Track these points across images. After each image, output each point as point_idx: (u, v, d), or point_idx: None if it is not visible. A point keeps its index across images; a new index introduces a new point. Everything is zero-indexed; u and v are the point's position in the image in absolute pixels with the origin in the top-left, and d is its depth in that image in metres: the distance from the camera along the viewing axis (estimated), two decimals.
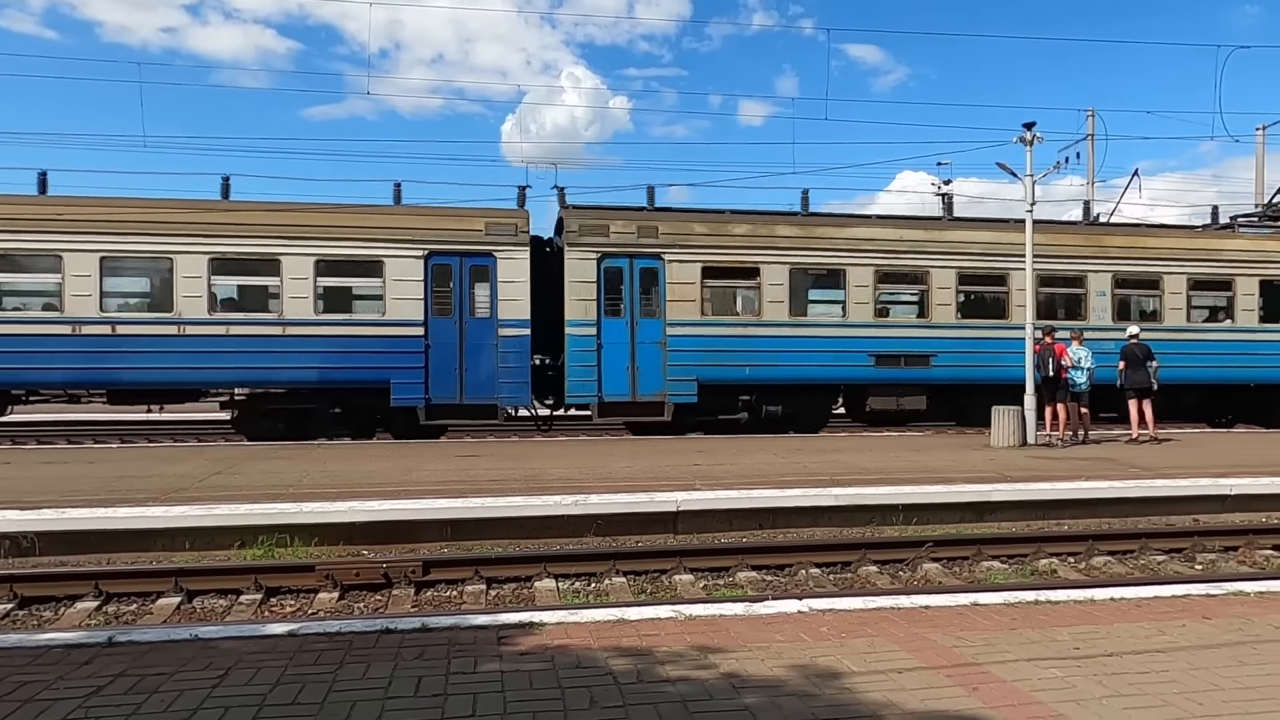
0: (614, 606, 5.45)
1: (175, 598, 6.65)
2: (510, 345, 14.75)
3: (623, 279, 15.31)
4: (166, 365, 13.96)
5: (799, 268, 15.94)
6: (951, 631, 4.61)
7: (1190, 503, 9.85)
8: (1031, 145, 14.38)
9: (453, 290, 14.71)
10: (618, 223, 15.45)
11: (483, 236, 14.81)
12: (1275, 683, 3.81)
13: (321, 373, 14.40)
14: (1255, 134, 30.79)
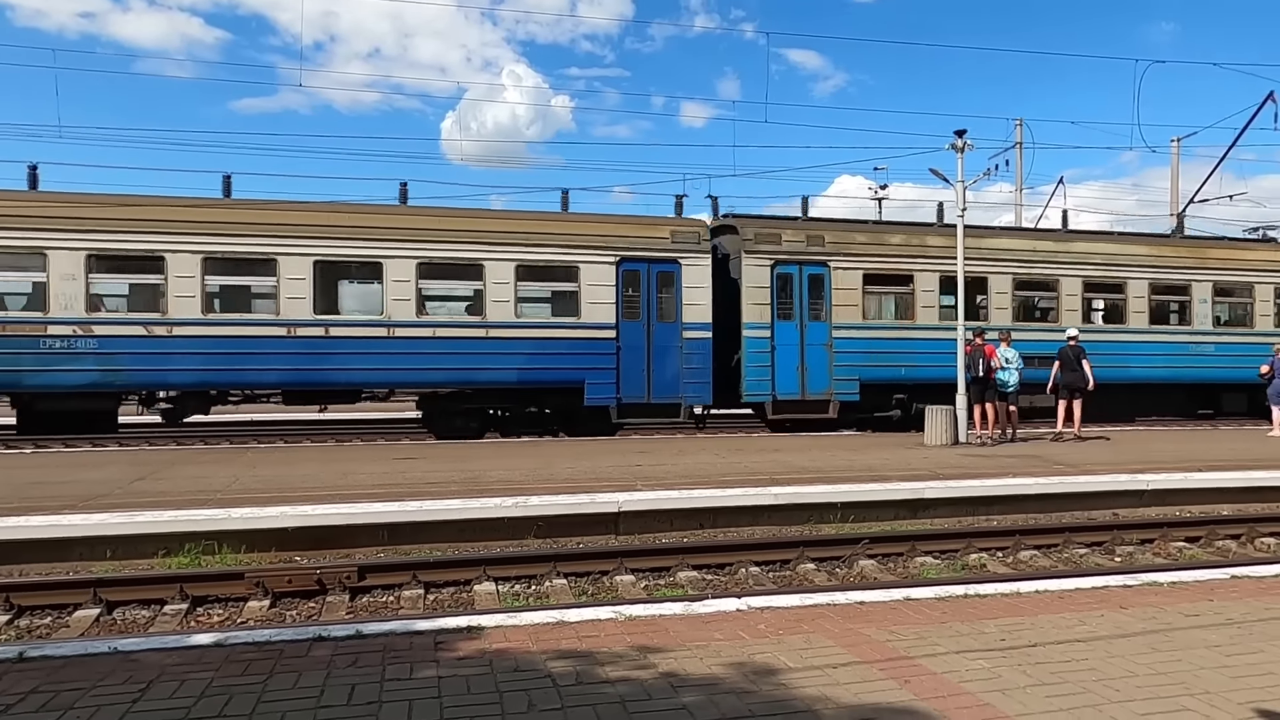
0: (554, 609, 5.42)
1: (94, 609, 6.37)
2: (694, 347, 15.66)
3: (792, 284, 16.32)
4: (377, 366, 14.64)
5: (948, 275, 16.39)
6: (885, 626, 4.71)
7: (1110, 498, 10.26)
8: (963, 152, 14.81)
9: (641, 295, 15.58)
10: (788, 232, 16.58)
11: (669, 244, 15.74)
12: (1184, 668, 4.00)
13: (521, 373, 15.07)
14: (1170, 145, 32.30)
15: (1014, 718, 3.43)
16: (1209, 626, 4.68)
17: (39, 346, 13.35)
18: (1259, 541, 9.06)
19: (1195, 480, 10.60)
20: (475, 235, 14.94)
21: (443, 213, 15.55)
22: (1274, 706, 3.54)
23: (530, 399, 15.67)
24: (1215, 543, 8.96)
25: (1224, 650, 4.26)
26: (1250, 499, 10.55)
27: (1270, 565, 6.41)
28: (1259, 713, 3.48)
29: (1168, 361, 18.49)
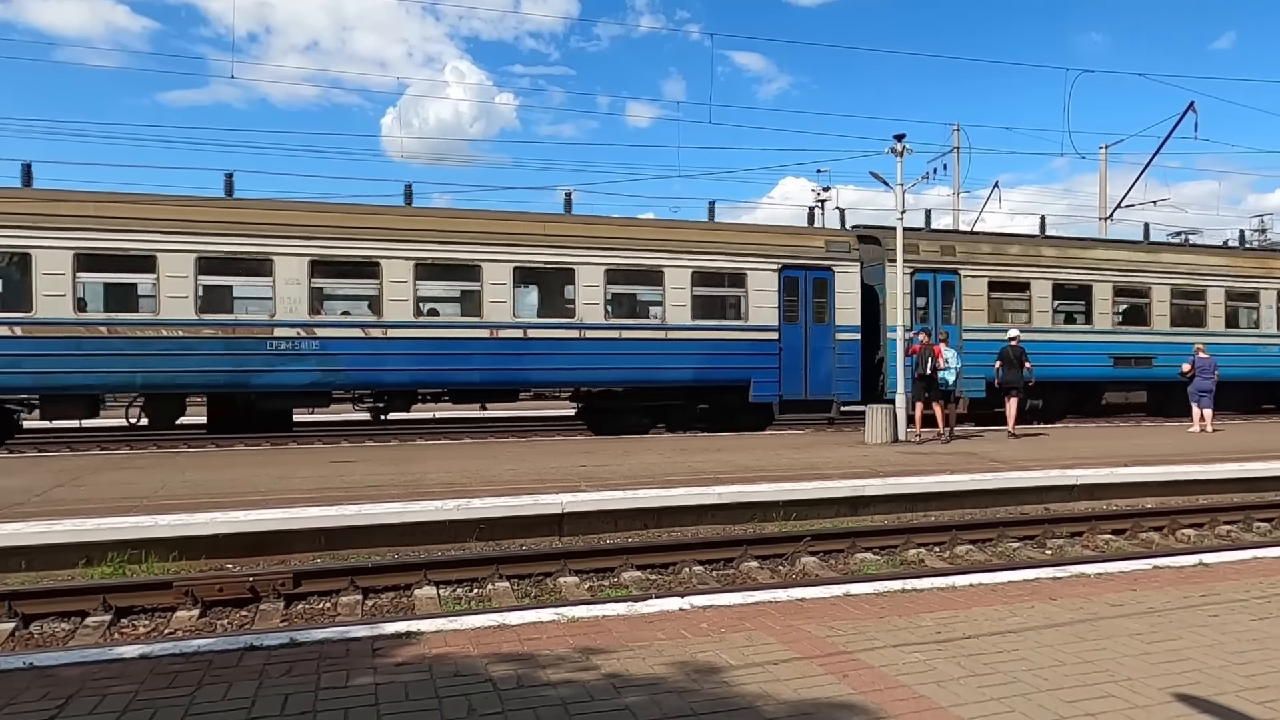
0: (495, 612, 5.36)
1: (8, 623, 6.08)
2: (845, 348, 17.07)
3: (928, 290, 17.83)
4: (569, 366, 15.68)
5: (1058, 283, 18.88)
6: (825, 622, 4.77)
7: (1042, 493, 10.58)
8: (902, 156, 15.14)
9: (799, 300, 16.87)
10: (925, 243, 18.03)
11: (824, 253, 17.12)
12: (1108, 656, 4.14)
13: (696, 373, 16.32)
14: (1099, 152, 33.51)
15: (948, 709, 3.50)
16: (1132, 615, 4.86)
17: (266, 348, 14.09)
18: (1180, 533, 9.44)
19: (1121, 475, 11.01)
20: (656, 244, 16.18)
21: (627, 222, 17.14)
22: (1190, 690, 3.69)
23: (699, 397, 16.91)
24: (1140, 535, 9.31)
25: (1145, 638, 4.42)
26: (1172, 492, 11.01)
27: (1189, 555, 6.68)
28: (1177, 697, 3.62)
29: (1242, 361, 20.24)
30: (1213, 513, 9.99)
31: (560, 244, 15.56)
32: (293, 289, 14.11)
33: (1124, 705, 3.54)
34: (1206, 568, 6.18)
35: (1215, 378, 16.64)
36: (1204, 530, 9.57)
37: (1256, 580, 5.73)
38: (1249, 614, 4.90)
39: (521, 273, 15.53)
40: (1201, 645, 4.31)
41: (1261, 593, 5.39)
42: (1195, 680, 3.82)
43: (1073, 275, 19.25)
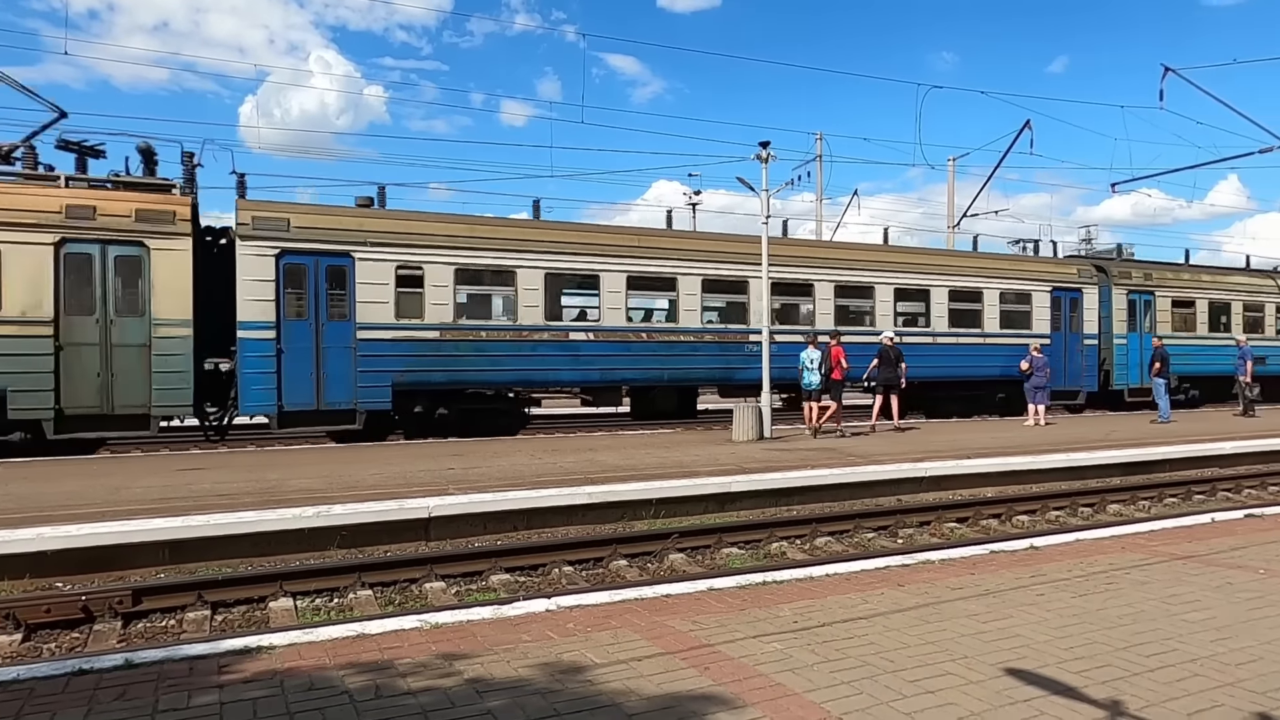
0: (354, 621, 5.17)
1: None
2: (1088, 351, 22.34)
3: (1136, 307, 23.52)
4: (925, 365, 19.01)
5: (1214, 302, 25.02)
6: (689, 617, 4.87)
7: (896, 485, 11.20)
8: (767, 163, 15.65)
9: (1062, 314, 21.98)
10: (1135, 270, 23.81)
11: (1076, 278, 22.39)
12: (948, 636, 4.43)
13: (1003, 369, 20.31)
14: (948, 164, 35.79)
15: (802, 694, 3.65)
16: (970, 598, 5.22)
17: (742, 350, 17.54)
18: (1015, 519, 10.22)
19: (965, 467, 11.80)
20: (977, 271, 21.00)
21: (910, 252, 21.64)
22: (1018, 664, 4.00)
23: (997, 387, 21.15)
24: (980, 522, 10.00)
25: (981, 618, 4.76)
26: (1009, 481, 11.89)
27: (1022, 540, 7.23)
28: (1006, 671, 3.92)
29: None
30: (1044, 500, 10.87)
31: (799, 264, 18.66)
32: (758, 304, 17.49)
33: (960, 681, 3.80)
34: (1036, 551, 6.71)
35: (1047, 374, 18.14)
36: (1036, 516, 10.40)
37: (1078, 561, 6.27)
38: (1070, 592, 5.36)
39: (840, 290, 19.10)
40: (1029, 623, 4.68)
41: (1082, 572, 5.91)
42: (1023, 655, 4.14)
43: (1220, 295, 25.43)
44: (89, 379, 12.85)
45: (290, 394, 13.91)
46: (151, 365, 13.11)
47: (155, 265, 13.13)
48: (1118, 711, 3.47)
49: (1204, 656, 4.12)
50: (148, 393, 13.08)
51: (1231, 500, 11.63)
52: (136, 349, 13.08)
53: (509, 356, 15.46)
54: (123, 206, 13.15)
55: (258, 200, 14.53)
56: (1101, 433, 16.21)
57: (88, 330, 12.86)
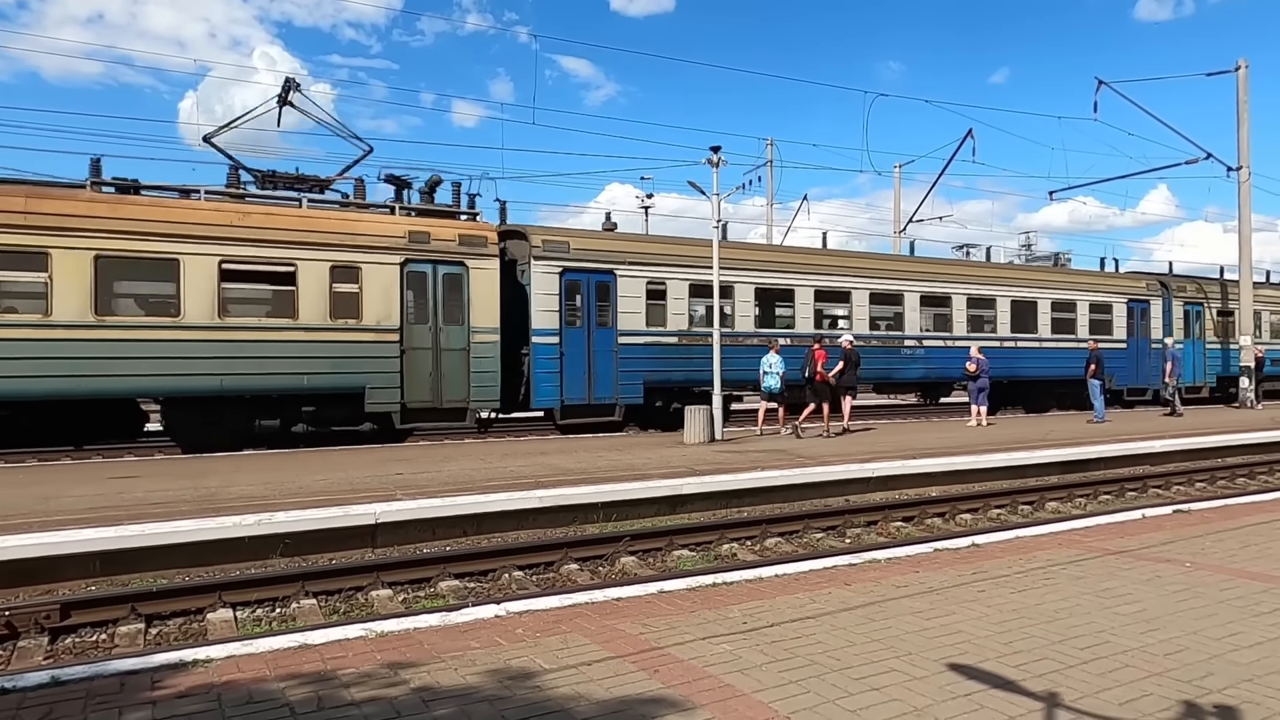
0: (297, 631, 5.04)
1: None
2: (1154, 354, 24.77)
3: (1188, 317, 26.89)
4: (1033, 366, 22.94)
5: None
6: (640, 620, 4.87)
7: (843, 485, 11.35)
8: (718, 167, 15.75)
9: (1134, 321, 25.21)
10: (1189, 285, 27.46)
11: (1144, 290, 25.71)
12: (893, 633, 4.50)
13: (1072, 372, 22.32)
14: (894, 170, 36.49)
15: (750, 694, 3.67)
16: (915, 595, 5.31)
17: (899, 354, 20.68)
18: (959, 518, 10.45)
19: (911, 467, 12.03)
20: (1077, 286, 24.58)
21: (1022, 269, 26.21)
22: (960, 660, 4.08)
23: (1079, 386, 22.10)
24: (925, 521, 10.20)
25: (925, 615, 4.84)
26: (953, 481, 12.15)
27: (964, 538, 7.39)
28: (949, 666, 3.99)
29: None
30: (986, 498, 11.14)
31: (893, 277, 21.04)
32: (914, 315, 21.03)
33: (904, 678, 3.86)
34: (978, 548, 6.86)
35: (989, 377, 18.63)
36: (978, 514, 10.65)
37: (1018, 557, 6.44)
38: (1010, 588, 5.49)
39: (926, 299, 21.34)
40: (971, 619, 4.79)
41: (1021, 568, 6.06)
42: (964, 650, 4.23)
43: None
44: (424, 378, 15.02)
45: (569, 390, 16.31)
46: (470, 366, 15.34)
47: (473, 281, 15.40)
48: (1054, 703, 3.56)
49: (1134, 648, 4.26)
50: (467, 389, 15.31)
51: (1161, 496, 12.05)
52: (459, 352, 15.35)
53: (730, 359, 17.03)
54: (449, 232, 15.41)
55: (544, 226, 17.62)
56: (1041, 433, 16.67)
57: (424, 336, 15.09)
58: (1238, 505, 9.00)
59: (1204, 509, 8.69)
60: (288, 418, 14.37)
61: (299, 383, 14.06)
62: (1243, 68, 24.86)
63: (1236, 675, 3.87)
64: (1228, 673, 3.90)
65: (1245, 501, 9.37)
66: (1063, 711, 3.48)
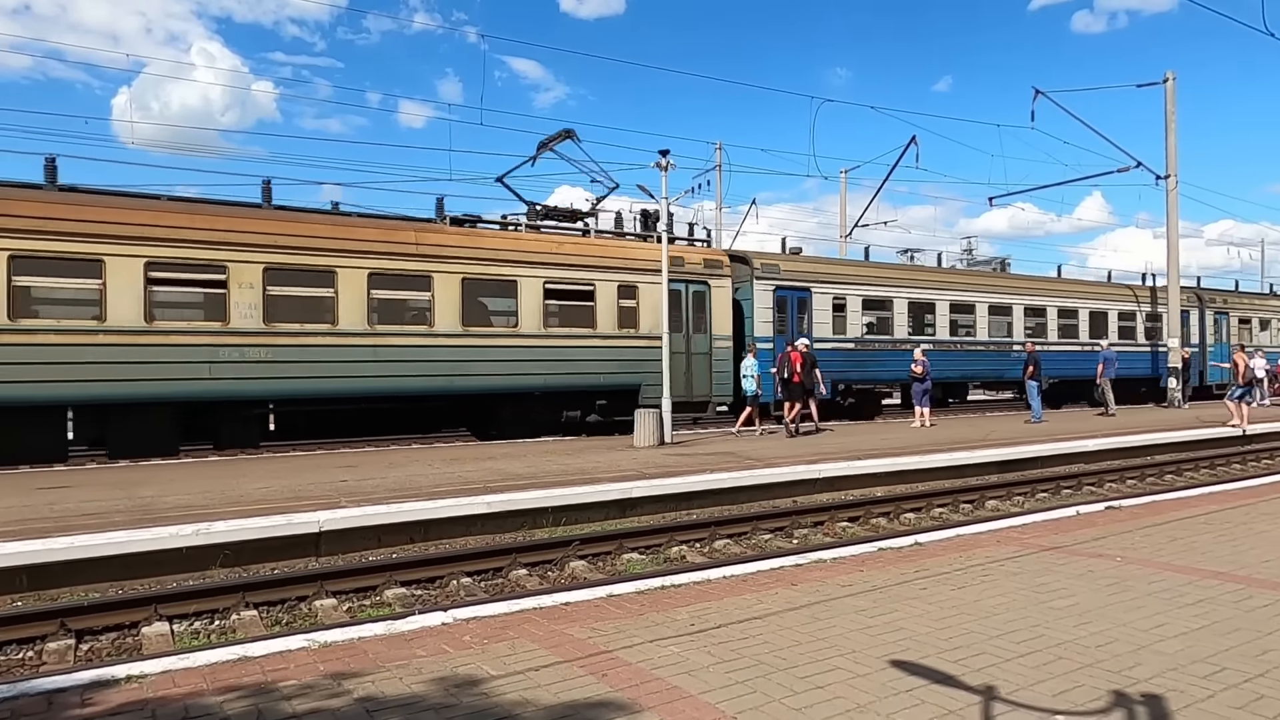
0: (236, 644, 4.91)
1: None
2: (1194, 357, 28.37)
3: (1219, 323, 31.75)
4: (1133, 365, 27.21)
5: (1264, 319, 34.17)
6: (588, 624, 4.86)
7: (791, 486, 11.50)
8: (667, 171, 15.83)
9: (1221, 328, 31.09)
10: (1218, 297, 32.17)
11: (1185, 303, 28.12)
12: (837, 632, 4.58)
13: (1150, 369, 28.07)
14: (840, 175, 37.09)
15: (697, 696, 3.70)
16: (859, 594, 5.41)
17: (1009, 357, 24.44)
18: (903, 517, 10.66)
19: (857, 467, 12.24)
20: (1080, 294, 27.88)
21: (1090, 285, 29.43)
22: (902, 656, 4.17)
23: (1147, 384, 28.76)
24: (870, 520, 10.39)
25: (869, 614, 4.94)
26: (897, 481, 12.40)
27: (907, 537, 7.54)
28: (891, 663, 4.08)
29: None
30: (928, 498, 11.39)
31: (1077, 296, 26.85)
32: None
33: (848, 675, 3.93)
34: (920, 547, 7.01)
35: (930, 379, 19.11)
36: (921, 514, 10.88)
37: (958, 555, 6.59)
38: (950, 585, 5.63)
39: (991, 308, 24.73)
40: (913, 616, 4.89)
41: (961, 565, 6.22)
42: (906, 647, 4.32)
43: None
44: (679, 377, 17.90)
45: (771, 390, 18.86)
46: (712, 367, 18.72)
47: (714, 297, 18.92)
48: (991, 696, 3.66)
49: (1068, 640, 4.40)
50: (710, 386, 18.77)
51: (1094, 494, 12.47)
52: (704, 356, 18.71)
53: (893, 361, 21.62)
54: (696, 256, 19.07)
55: (761, 252, 21.51)
56: (981, 433, 17.11)
57: (679, 343, 18.12)
58: (1165, 501, 9.36)
59: (1134, 505, 9.02)
60: (585, 410, 17.57)
61: (597, 381, 17.20)
62: (1170, 80, 25.90)
63: (1162, 665, 4.03)
64: (1154, 662, 4.06)
65: (1172, 497, 9.75)
66: (999, 704, 3.58)
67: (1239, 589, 5.38)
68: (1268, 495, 9.46)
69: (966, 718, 3.45)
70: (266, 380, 13.76)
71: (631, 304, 17.73)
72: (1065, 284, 27.98)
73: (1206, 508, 8.62)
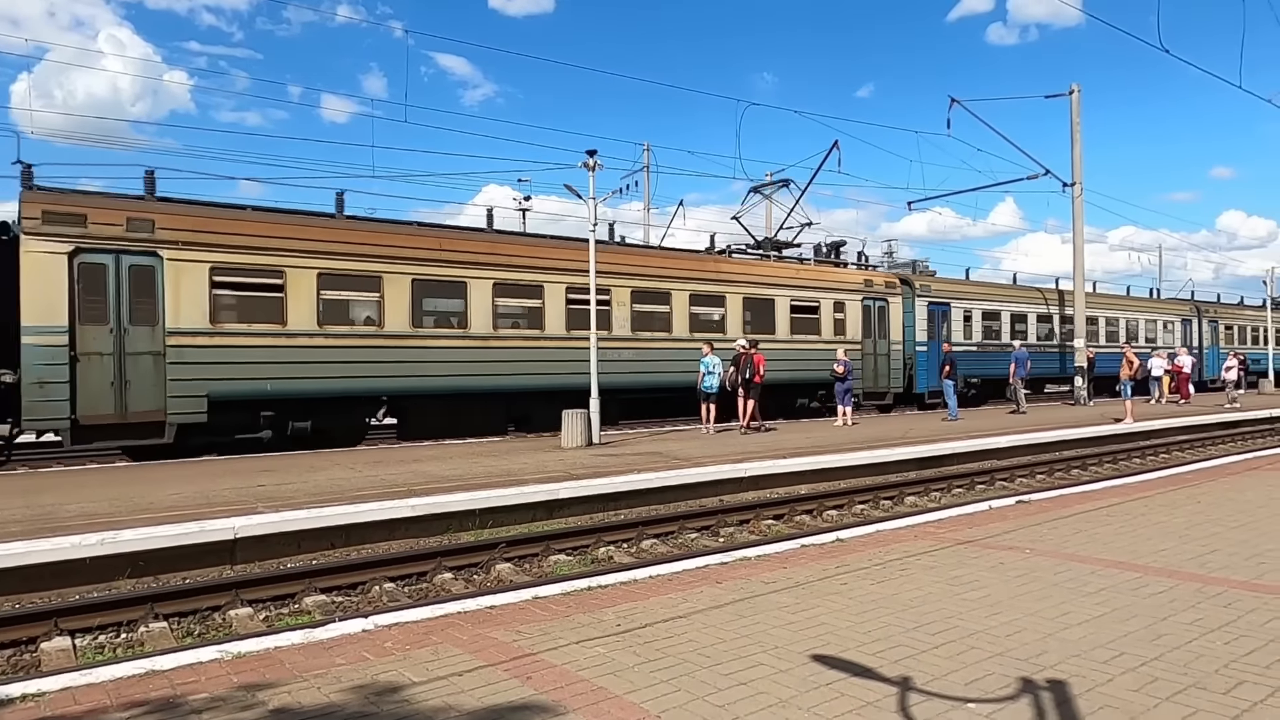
0: (144, 658, 4.71)
1: None
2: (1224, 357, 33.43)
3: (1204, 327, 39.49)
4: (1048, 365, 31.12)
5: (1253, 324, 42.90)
6: (513, 627, 4.83)
7: (718, 485, 11.62)
8: (594, 171, 15.79)
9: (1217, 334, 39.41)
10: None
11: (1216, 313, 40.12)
12: (761, 628, 4.66)
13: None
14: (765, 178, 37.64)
15: (622, 696, 3.71)
16: (782, 590, 5.51)
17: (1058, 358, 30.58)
18: (825, 514, 10.90)
19: (782, 466, 12.45)
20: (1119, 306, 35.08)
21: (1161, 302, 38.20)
22: (824, 650, 4.27)
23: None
24: (794, 518, 10.59)
25: (791, 609, 5.03)
26: (820, 479, 12.66)
27: (829, 533, 7.71)
28: (813, 657, 4.17)
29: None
30: (850, 494, 11.67)
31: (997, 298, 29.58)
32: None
33: (771, 670, 4.00)
34: (842, 543, 7.18)
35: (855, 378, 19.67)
36: (843, 510, 11.14)
37: (878, 550, 6.78)
38: (870, 579, 5.78)
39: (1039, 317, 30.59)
40: (834, 610, 5.01)
41: (880, 560, 6.39)
42: (827, 641, 4.43)
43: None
44: (869, 372, 23.53)
45: (931, 382, 24.95)
46: (890, 365, 24.20)
47: (890, 311, 24.39)
48: (907, 686, 3.78)
49: (980, 630, 4.58)
50: (889, 380, 24.24)
51: (1006, 489, 12.98)
52: (884, 356, 24.08)
53: (1002, 359, 25.25)
54: (879, 279, 24.74)
55: (920, 275, 27.27)
56: (901, 431, 17.62)
57: (869, 346, 23.63)
58: (1070, 495, 9.81)
59: (1042, 499, 9.43)
60: (809, 398, 22.81)
61: (824, 376, 20.96)
62: (1076, 91, 27.15)
63: (1067, 651, 4.22)
64: (1059, 649, 4.25)
65: (1077, 491, 10.22)
66: (914, 694, 3.70)
67: (1137, 577, 5.68)
68: (1163, 488, 10.02)
69: (884, 709, 3.55)
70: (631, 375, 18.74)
71: (840, 316, 23.08)
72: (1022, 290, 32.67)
73: (1109, 500, 9.07)
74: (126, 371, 13.05)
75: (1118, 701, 3.58)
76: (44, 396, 12.32)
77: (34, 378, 12.30)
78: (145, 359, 13.23)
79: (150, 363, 13.25)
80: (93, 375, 12.75)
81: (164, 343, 13.33)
